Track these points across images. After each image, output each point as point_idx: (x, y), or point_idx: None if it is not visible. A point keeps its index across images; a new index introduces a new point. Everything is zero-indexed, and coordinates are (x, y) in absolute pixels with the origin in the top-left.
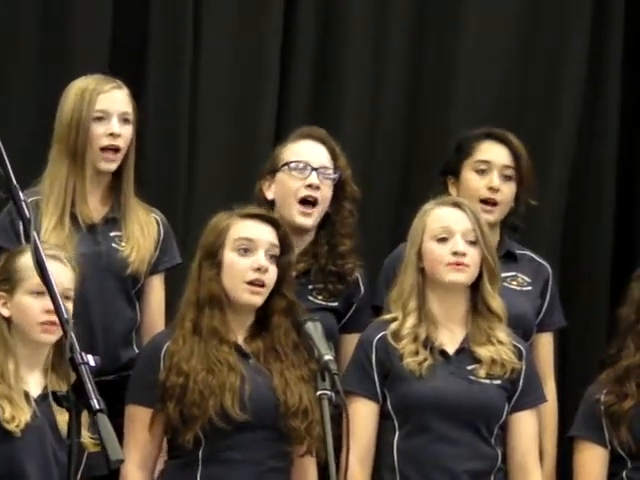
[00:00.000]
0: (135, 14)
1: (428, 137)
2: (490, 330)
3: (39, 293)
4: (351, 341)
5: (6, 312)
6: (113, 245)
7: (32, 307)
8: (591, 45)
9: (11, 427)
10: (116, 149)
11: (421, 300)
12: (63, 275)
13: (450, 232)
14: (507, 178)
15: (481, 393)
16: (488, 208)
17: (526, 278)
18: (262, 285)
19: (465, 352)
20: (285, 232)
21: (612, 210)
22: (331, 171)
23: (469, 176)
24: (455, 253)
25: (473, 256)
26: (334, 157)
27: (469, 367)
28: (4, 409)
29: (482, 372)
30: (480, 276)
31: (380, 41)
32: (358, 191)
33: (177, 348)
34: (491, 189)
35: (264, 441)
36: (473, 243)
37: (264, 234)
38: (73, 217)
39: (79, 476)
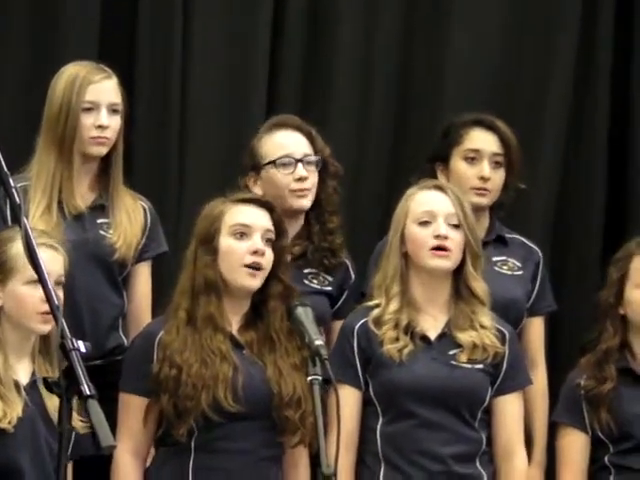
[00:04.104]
0: (124, 3)
1: (418, 125)
2: (473, 315)
3: (36, 282)
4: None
5: None
6: (100, 232)
7: (31, 297)
8: (582, 29)
9: (4, 424)
10: (104, 139)
11: (404, 285)
12: (56, 262)
13: (432, 215)
14: (497, 165)
15: (463, 378)
16: (480, 192)
17: (517, 262)
18: (259, 268)
19: (447, 337)
20: (279, 216)
21: (603, 195)
22: (313, 156)
23: (459, 165)
24: (437, 236)
25: (455, 239)
26: (312, 140)
27: (451, 352)
28: None
29: (464, 357)
30: (463, 260)
31: (370, 29)
32: (340, 167)
33: (171, 339)
34: (482, 178)
35: (257, 431)
36: (456, 227)
37: (259, 218)
38: (61, 204)
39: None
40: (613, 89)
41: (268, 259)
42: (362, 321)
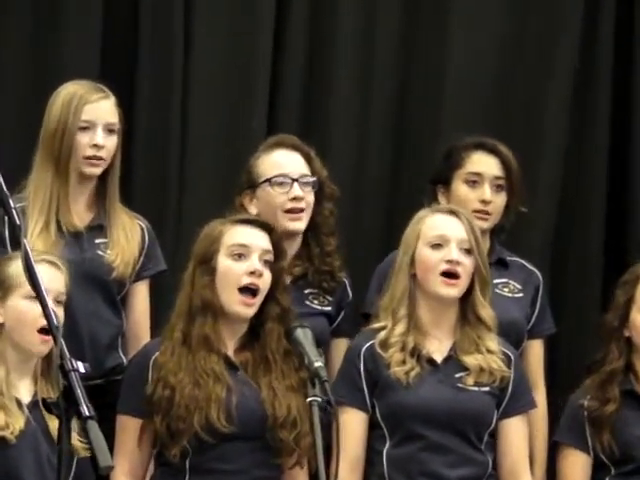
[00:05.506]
0: (125, 17)
1: (418, 142)
2: (479, 339)
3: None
4: (338, 345)
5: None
6: (98, 252)
7: (31, 311)
8: (581, 45)
9: (6, 434)
10: (99, 159)
11: (411, 307)
12: (57, 280)
13: (445, 240)
14: (498, 188)
15: (469, 401)
16: (481, 216)
17: (517, 285)
18: (256, 291)
19: (453, 360)
20: (278, 237)
21: (603, 216)
22: (310, 177)
23: (460, 188)
24: (449, 261)
25: (466, 265)
26: (309, 161)
27: (457, 375)
28: None
29: (470, 380)
30: (471, 285)
31: (369, 43)
32: (336, 190)
33: (165, 360)
34: (483, 201)
35: (252, 452)
36: (467, 252)
37: (258, 239)
38: (59, 223)
39: None
40: (614, 93)
41: (266, 280)
42: (368, 344)
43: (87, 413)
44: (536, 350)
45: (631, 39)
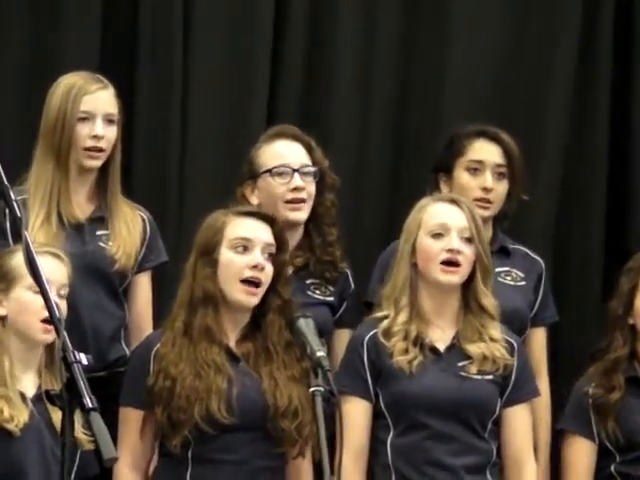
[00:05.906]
0: (125, 17)
1: (419, 133)
2: (482, 328)
3: None
4: (341, 336)
5: (2, 311)
6: (100, 244)
7: (34, 303)
8: (581, 45)
9: (11, 427)
10: (99, 150)
11: (413, 296)
12: (60, 272)
13: (446, 228)
14: (500, 176)
15: (472, 389)
16: (482, 204)
17: (520, 273)
18: (258, 284)
19: (456, 349)
20: (281, 230)
21: (604, 205)
22: (311, 167)
23: (462, 175)
24: (450, 250)
25: (467, 254)
26: (310, 151)
27: (460, 363)
28: (2, 409)
29: (473, 368)
30: (473, 273)
31: (369, 43)
32: (337, 180)
33: (166, 351)
34: (485, 189)
35: (253, 442)
36: (468, 240)
37: (261, 232)
38: (60, 215)
39: (73, 476)
40: (613, 92)
41: (267, 274)
42: (371, 333)
43: (90, 405)
44: (539, 338)
45: (630, 39)
